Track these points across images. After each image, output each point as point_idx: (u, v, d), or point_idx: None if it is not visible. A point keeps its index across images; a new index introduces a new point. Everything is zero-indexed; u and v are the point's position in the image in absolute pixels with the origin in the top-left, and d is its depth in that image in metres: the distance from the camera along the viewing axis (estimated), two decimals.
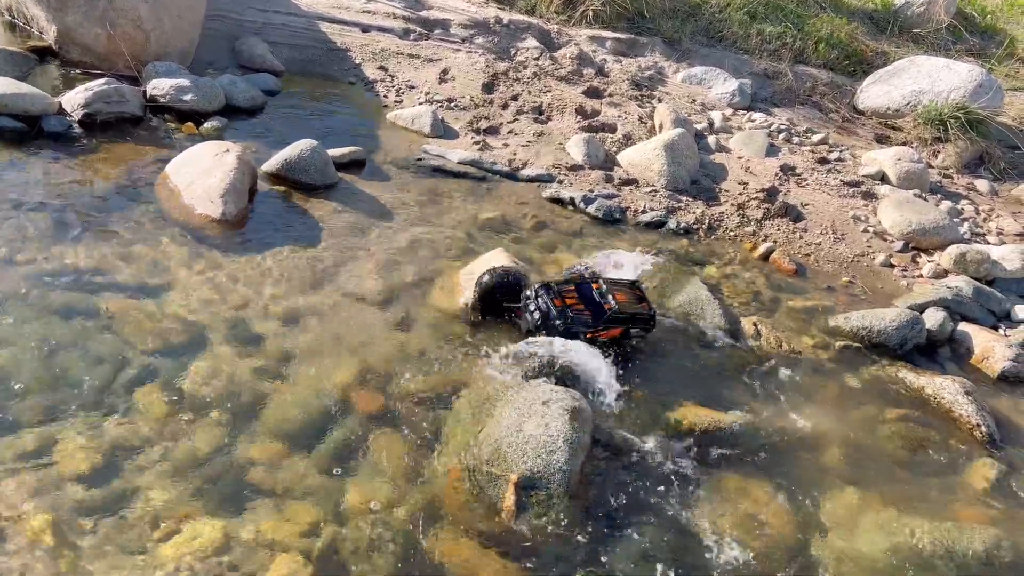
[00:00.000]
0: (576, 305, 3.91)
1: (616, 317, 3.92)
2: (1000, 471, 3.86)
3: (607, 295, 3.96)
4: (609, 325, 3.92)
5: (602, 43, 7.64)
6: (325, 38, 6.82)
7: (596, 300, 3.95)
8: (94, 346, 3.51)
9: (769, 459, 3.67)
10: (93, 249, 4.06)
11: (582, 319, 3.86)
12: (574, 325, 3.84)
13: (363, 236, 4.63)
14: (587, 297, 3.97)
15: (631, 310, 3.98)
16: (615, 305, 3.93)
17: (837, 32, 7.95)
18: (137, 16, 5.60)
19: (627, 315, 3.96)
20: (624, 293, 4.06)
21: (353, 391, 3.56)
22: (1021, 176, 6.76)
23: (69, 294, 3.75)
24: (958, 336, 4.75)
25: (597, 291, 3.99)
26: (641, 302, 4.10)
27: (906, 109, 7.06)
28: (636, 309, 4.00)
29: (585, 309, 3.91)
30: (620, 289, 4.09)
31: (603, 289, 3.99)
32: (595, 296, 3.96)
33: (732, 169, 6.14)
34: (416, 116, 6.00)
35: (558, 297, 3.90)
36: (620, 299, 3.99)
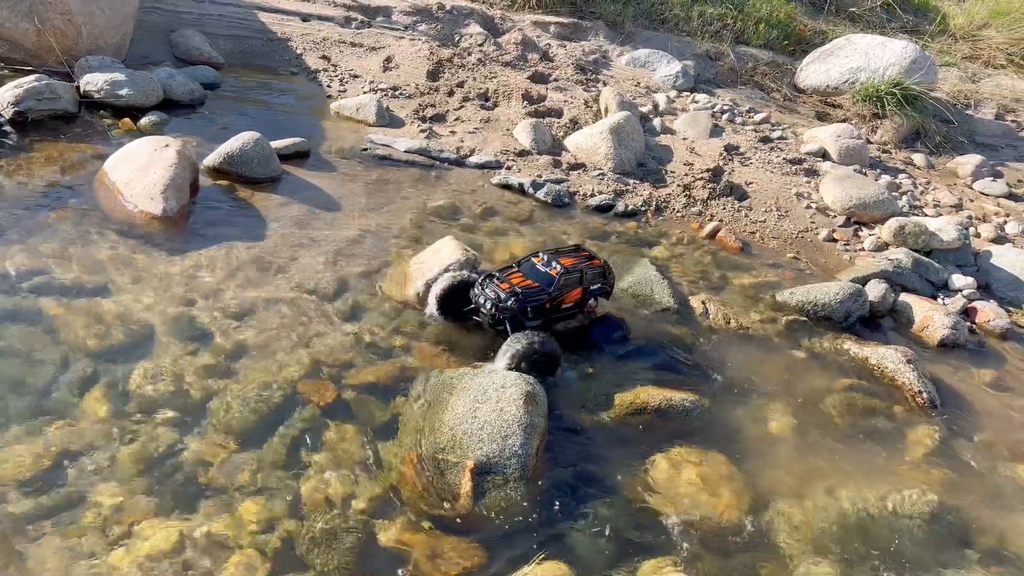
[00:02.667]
0: (523, 282, 3.91)
1: (567, 279, 3.94)
2: (941, 434, 3.99)
3: (551, 262, 3.98)
4: (563, 289, 3.93)
5: (546, 28, 7.64)
6: (265, 28, 6.70)
7: (541, 271, 3.96)
8: (35, 350, 3.41)
9: (720, 433, 3.73)
10: (29, 251, 3.94)
11: (532, 291, 3.86)
12: (527, 300, 3.84)
13: (310, 228, 4.57)
14: (533, 271, 3.97)
15: (580, 268, 4.00)
16: (561, 268, 3.91)
17: (776, 13, 8.07)
18: (67, 9, 5.43)
19: (578, 272, 3.96)
20: (569, 257, 4.07)
21: (304, 384, 3.52)
22: (955, 149, 6.97)
23: (6, 298, 3.64)
24: (899, 307, 4.88)
25: (540, 263, 4.00)
26: (591, 259, 4.11)
27: (844, 87, 7.21)
28: (585, 267, 4.02)
29: (533, 282, 3.91)
30: (564, 255, 4.10)
31: (545, 259, 4.00)
32: (539, 268, 3.97)
33: (677, 150, 6.20)
34: (360, 105, 5.93)
35: (503, 281, 3.90)
36: (566, 262, 4.00)
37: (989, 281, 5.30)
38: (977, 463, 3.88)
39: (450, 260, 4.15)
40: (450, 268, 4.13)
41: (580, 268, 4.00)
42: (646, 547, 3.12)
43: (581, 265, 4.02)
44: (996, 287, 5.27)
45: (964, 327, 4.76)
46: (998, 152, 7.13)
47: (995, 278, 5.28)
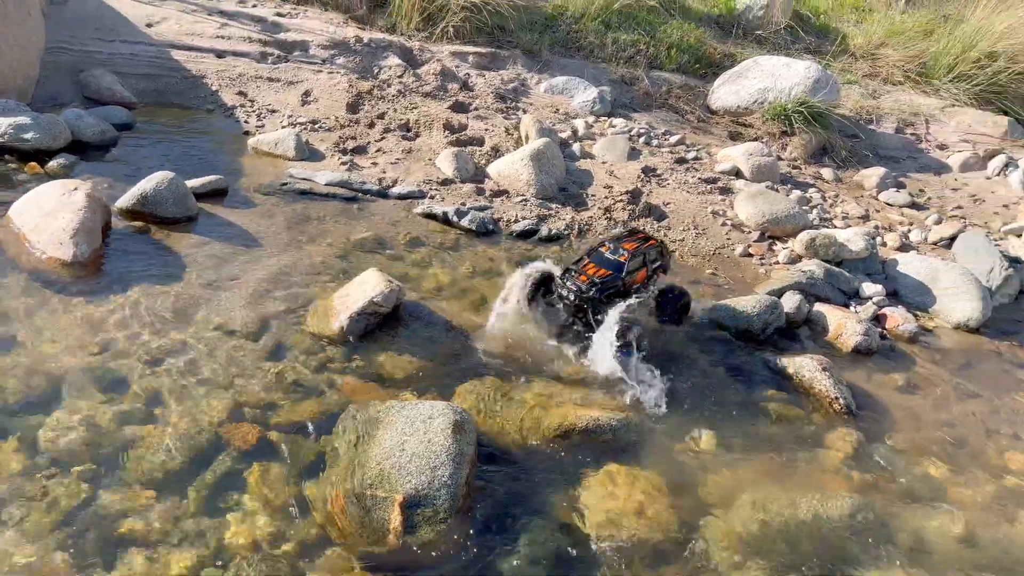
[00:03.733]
0: (598, 271, 4.41)
1: (633, 263, 4.48)
2: (858, 438, 4.14)
3: (617, 249, 4.51)
4: (631, 272, 4.47)
5: (464, 58, 7.73)
6: (179, 66, 6.60)
7: (610, 258, 4.47)
8: None
9: (649, 450, 3.80)
10: None
11: (608, 279, 4.38)
12: (606, 288, 4.35)
13: (230, 267, 4.50)
14: (602, 260, 4.48)
15: (643, 250, 4.56)
16: (627, 253, 4.47)
17: (687, 38, 8.34)
18: None
19: (641, 254, 4.54)
20: (631, 241, 4.61)
21: (227, 427, 3.45)
22: (861, 163, 7.30)
23: None
24: (814, 316, 5.07)
25: (608, 251, 4.51)
26: (647, 240, 4.64)
27: (754, 106, 7.49)
28: (646, 248, 4.58)
29: (607, 271, 4.41)
30: (626, 239, 4.63)
31: (612, 247, 4.54)
32: (608, 256, 4.49)
33: (597, 174, 6.33)
34: (279, 140, 5.89)
35: (581, 274, 4.40)
36: (629, 247, 4.52)
37: (897, 288, 5.54)
38: (892, 464, 4.04)
39: (374, 292, 4.15)
40: (374, 299, 4.12)
41: (642, 251, 4.56)
42: (580, 571, 3.14)
43: (642, 247, 4.57)
44: (903, 293, 5.51)
45: (875, 333, 4.97)
46: (900, 164, 7.49)
47: (902, 285, 5.53)
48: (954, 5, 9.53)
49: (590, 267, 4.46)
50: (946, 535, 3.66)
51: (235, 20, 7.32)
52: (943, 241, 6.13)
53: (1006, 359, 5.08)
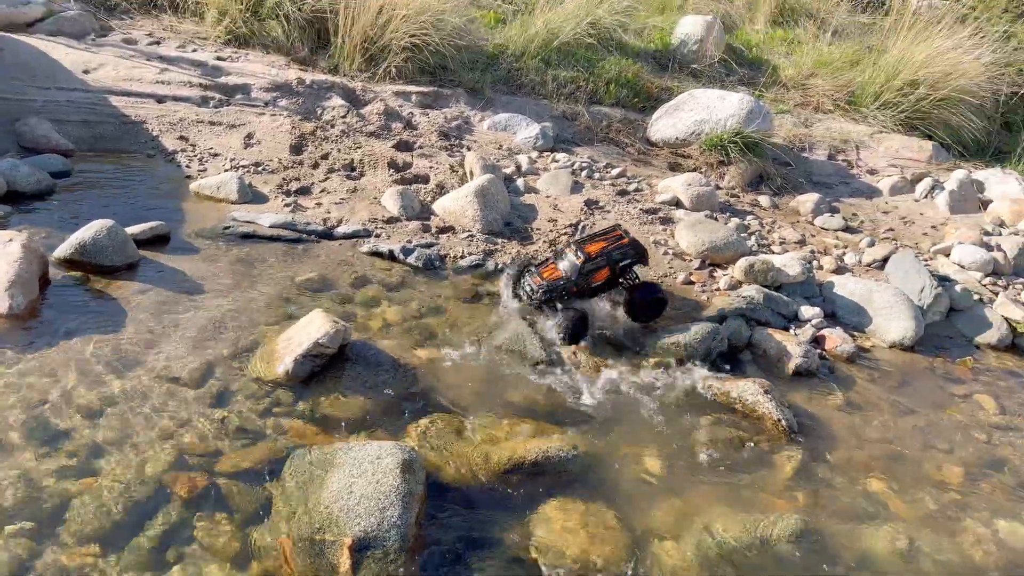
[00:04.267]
0: (553, 275, 4.83)
1: (590, 266, 4.82)
2: (802, 459, 4.25)
3: (577, 252, 4.84)
4: (587, 275, 4.84)
5: (407, 97, 7.81)
6: (117, 112, 6.54)
7: (571, 261, 4.83)
8: None
9: (598, 480, 3.84)
10: None
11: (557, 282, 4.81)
12: (552, 292, 4.79)
13: (172, 313, 4.45)
14: (563, 262, 4.86)
15: (607, 251, 4.86)
16: (584, 258, 4.81)
17: (625, 73, 8.55)
18: None
19: (603, 256, 4.85)
20: (598, 242, 4.92)
21: (170, 477, 3.40)
22: (795, 189, 7.53)
23: None
24: (756, 340, 5.19)
25: (571, 253, 4.86)
26: (619, 240, 4.94)
27: (691, 138, 7.69)
28: (612, 248, 4.88)
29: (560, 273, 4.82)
30: (594, 240, 4.97)
31: (574, 248, 4.87)
32: (571, 258, 4.84)
33: (542, 208, 6.43)
34: (221, 183, 5.87)
35: (536, 275, 4.87)
36: (591, 249, 4.85)
37: (834, 309, 5.71)
38: (835, 482, 4.15)
39: (319, 333, 4.14)
40: (319, 341, 4.12)
41: (606, 252, 4.86)
42: None
43: (609, 248, 4.87)
44: (841, 314, 5.69)
45: (815, 355, 5.11)
46: (833, 189, 7.75)
47: (839, 306, 5.71)
48: (877, 37, 9.94)
49: (548, 269, 4.87)
50: (890, 550, 3.77)
51: (175, 65, 7.29)
52: (876, 263, 6.35)
53: (939, 375, 5.26)
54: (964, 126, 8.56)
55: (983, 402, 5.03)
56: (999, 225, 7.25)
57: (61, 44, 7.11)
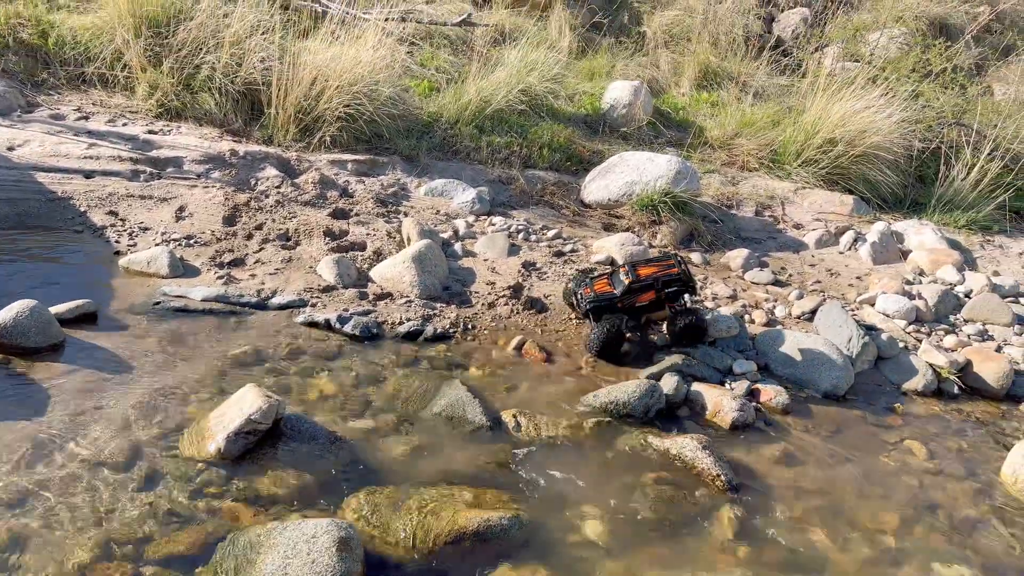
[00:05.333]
0: (604, 288, 5.45)
1: (638, 286, 5.41)
2: (742, 513, 4.28)
3: (630, 272, 5.42)
4: (633, 294, 5.41)
5: (343, 166, 7.85)
6: (43, 188, 6.42)
7: (619, 280, 5.44)
8: None
9: (541, 547, 3.80)
10: None
11: (605, 296, 5.42)
12: (599, 303, 5.40)
13: (97, 394, 4.31)
14: (614, 280, 5.47)
15: (654, 275, 5.40)
16: (631, 279, 5.39)
17: (557, 137, 8.77)
18: None
19: (651, 279, 5.40)
20: (649, 267, 5.46)
21: (94, 569, 3.25)
22: (725, 245, 7.75)
23: None
24: (692, 396, 5.26)
25: (623, 273, 5.45)
26: (669, 268, 5.44)
27: (623, 199, 7.89)
28: (661, 274, 5.40)
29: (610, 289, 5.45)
30: (648, 264, 5.52)
31: (627, 269, 5.44)
32: (620, 277, 5.45)
33: (480, 271, 6.48)
34: (152, 258, 5.77)
35: (588, 286, 5.49)
36: (643, 272, 5.43)
37: (768, 362, 5.84)
38: (776, 535, 4.19)
39: (251, 409, 4.05)
40: (252, 417, 4.03)
41: (656, 276, 5.40)
42: None
43: (658, 273, 5.41)
44: (774, 367, 5.81)
45: (751, 408, 5.19)
46: (761, 244, 8.00)
47: (772, 359, 5.84)
48: (795, 98, 10.44)
49: (600, 282, 5.48)
50: None
51: (104, 140, 7.22)
52: (806, 314, 6.53)
53: (871, 423, 5.40)
54: (881, 180, 8.98)
55: (913, 448, 5.17)
56: (919, 274, 7.56)
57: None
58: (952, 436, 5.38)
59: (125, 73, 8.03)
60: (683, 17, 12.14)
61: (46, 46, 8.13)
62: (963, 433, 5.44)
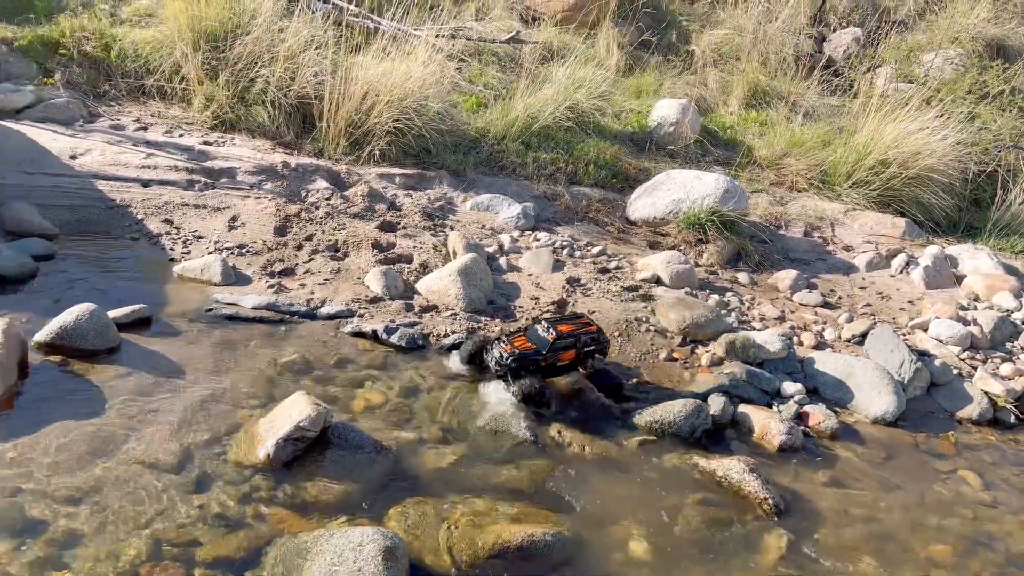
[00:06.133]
0: (524, 345, 4.96)
1: (562, 343, 4.98)
2: (789, 539, 4.21)
3: (549, 329, 4.99)
4: (557, 352, 4.98)
5: (391, 179, 7.95)
6: (103, 196, 6.61)
7: (540, 336, 4.99)
8: None
9: (583, 564, 3.78)
10: None
11: (529, 353, 4.91)
12: (523, 360, 4.88)
13: (152, 398, 4.41)
14: (534, 336, 5.02)
15: (575, 333, 5.04)
16: (555, 335, 4.96)
17: (603, 154, 8.78)
18: None
19: (573, 337, 5.02)
20: (568, 323, 5.12)
21: (147, 567, 3.32)
22: (773, 266, 7.66)
23: None
24: (739, 417, 5.20)
25: (541, 329, 5.02)
26: (587, 326, 5.15)
27: (670, 216, 7.85)
28: (580, 332, 5.07)
29: (531, 346, 4.95)
30: (564, 322, 5.16)
31: (546, 326, 5.03)
32: (540, 333, 5.00)
33: (524, 286, 6.49)
34: (205, 266, 5.89)
35: (508, 344, 4.96)
36: (563, 328, 5.03)
37: (816, 385, 5.74)
38: (824, 563, 4.10)
39: (300, 417, 4.10)
40: (301, 424, 4.08)
41: (576, 334, 5.05)
42: None
43: (578, 331, 5.07)
44: (822, 390, 5.72)
45: (799, 431, 5.11)
46: (810, 265, 7.89)
47: (820, 382, 5.74)
48: (846, 118, 10.31)
49: (519, 339, 5.00)
50: None
51: (161, 150, 7.41)
52: (855, 338, 6.42)
53: (923, 450, 5.27)
54: (935, 203, 8.80)
55: (967, 478, 5.03)
56: (974, 300, 7.38)
57: (49, 130, 7.22)
58: (1009, 467, 5.23)
59: (183, 86, 8.24)
60: (732, 36, 12.08)
61: (108, 59, 8.39)
62: (1020, 464, 5.27)
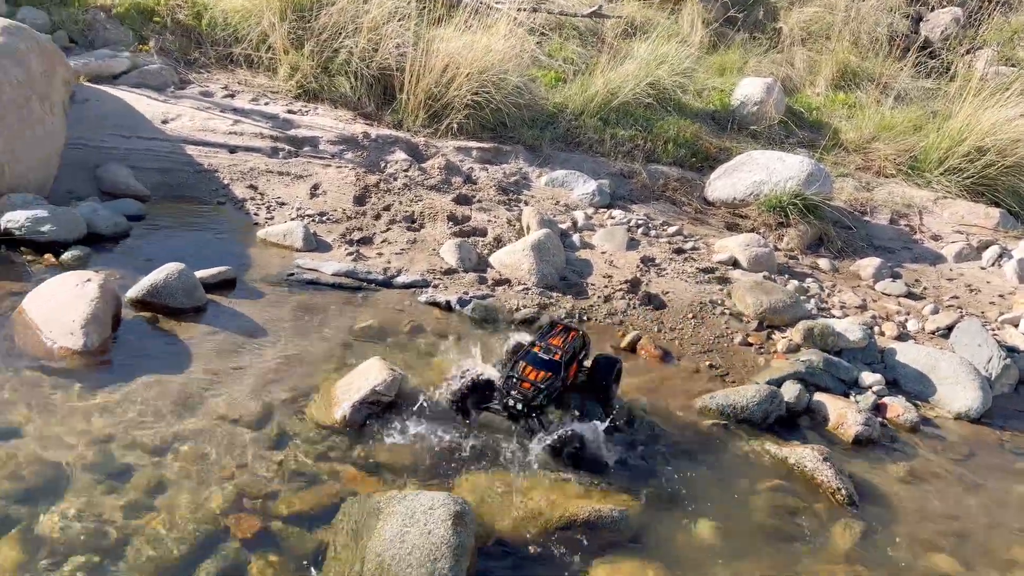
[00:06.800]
0: (538, 375, 4.21)
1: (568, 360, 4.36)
2: (861, 530, 4.11)
3: (549, 349, 4.35)
4: (567, 368, 4.35)
5: (468, 153, 7.99)
6: (192, 160, 6.84)
7: (546, 359, 4.28)
8: None
9: (650, 542, 3.77)
10: None
11: (550, 381, 4.19)
12: (551, 391, 4.19)
13: (235, 356, 4.58)
14: (538, 362, 4.28)
15: (571, 345, 4.46)
16: (560, 352, 4.34)
17: (683, 132, 8.63)
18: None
19: (572, 350, 4.43)
20: (555, 337, 4.51)
21: (228, 517, 3.46)
22: (856, 253, 7.43)
23: None
24: (814, 406, 5.08)
25: (540, 351, 4.34)
26: (568, 332, 4.58)
27: (750, 199, 7.68)
28: (571, 341, 4.49)
29: (547, 373, 4.22)
30: (551, 336, 4.53)
31: (544, 347, 4.37)
32: (544, 357, 4.30)
33: (597, 264, 6.47)
34: (287, 232, 6.05)
35: (523, 380, 4.16)
36: (556, 343, 4.43)
37: (896, 377, 5.57)
38: (897, 556, 4.00)
39: (376, 381, 4.20)
40: (376, 388, 4.18)
41: (570, 345, 4.44)
42: None
43: (567, 341, 4.47)
44: (903, 382, 5.54)
45: (876, 423, 4.97)
46: (895, 254, 7.63)
47: (901, 374, 5.57)
48: (941, 102, 9.86)
49: (529, 371, 4.22)
50: None
51: (248, 117, 7.61)
52: (940, 331, 6.19)
53: (1009, 449, 5.07)
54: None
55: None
56: None
57: (143, 96, 7.49)
58: None
59: (269, 55, 8.43)
60: (823, 14, 11.67)
61: (199, 27, 8.64)
62: None
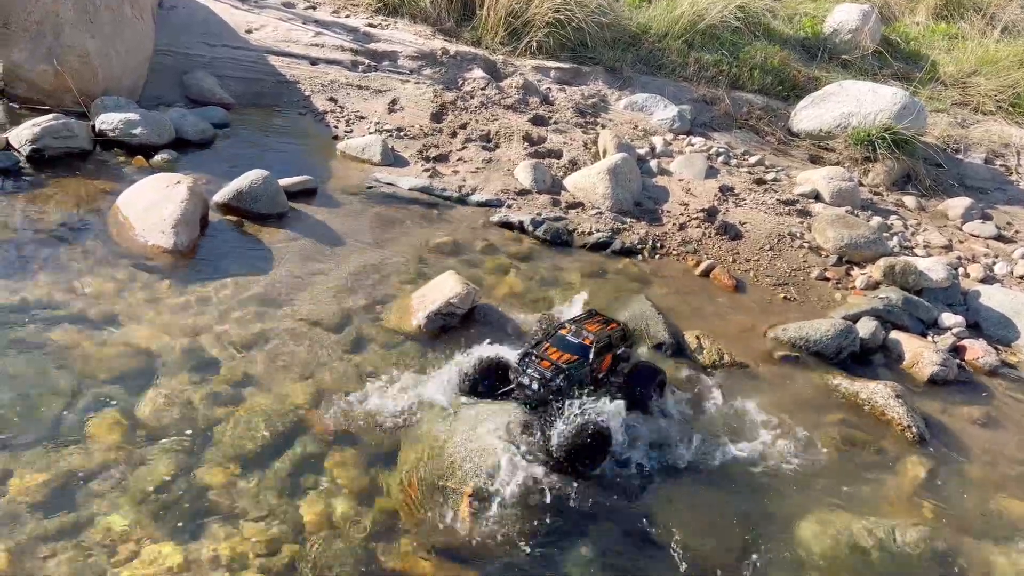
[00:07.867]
0: (561, 356, 3.76)
1: (600, 346, 3.84)
2: (929, 469, 4.07)
3: (580, 332, 3.87)
4: (599, 357, 3.84)
5: (546, 73, 7.87)
6: (274, 71, 6.91)
7: (573, 342, 3.83)
8: (47, 378, 3.53)
9: (716, 469, 3.81)
10: (45, 283, 4.08)
11: (575, 365, 3.74)
12: (574, 376, 3.72)
13: (316, 262, 4.71)
14: (566, 344, 3.82)
15: (607, 334, 3.94)
16: (593, 337, 3.84)
17: (770, 59, 8.30)
18: (84, 52, 5.63)
19: (607, 339, 3.91)
20: (591, 323, 4.00)
21: (308, 412, 3.63)
22: (945, 192, 7.13)
23: (21, 328, 3.76)
24: (890, 344, 4.99)
25: (569, 334, 3.86)
26: (608, 323, 4.06)
27: (837, 131, 7.40)
28: (609, 331, 3.97)
29: (572, 356, 3.78)
30: (587, 321, 4.03)
31: (574, 329, 3.89)
32: (570, 339, 3.84)
33: (673, 191, 6.37)
34: (366, 145, 6.12)
35: (543, 359, 3.74)
36: (592, 329, 3.91)
37: (978, 320, 5.40)
38: (966, 496, 3.96)
39: (451, 293, 4.29)
40: (451, 300, 4.27)
41: (606, 334, 3.93)
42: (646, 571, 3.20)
43: (605, 331, 3.95)
44: (985, 326, 5.37)
45: (953, 364, 4.86)
46: (987, 195, 7.29)
47: (984, 317, 5.39)
48: None
49: (552, 352, 3.77)
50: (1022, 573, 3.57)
51: (329, 29, 7.62)
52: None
53: None
54: None
55: None
56: None
57: (227, 4, 7.56)
58: None
59: None
60: None
61: None
62: None
